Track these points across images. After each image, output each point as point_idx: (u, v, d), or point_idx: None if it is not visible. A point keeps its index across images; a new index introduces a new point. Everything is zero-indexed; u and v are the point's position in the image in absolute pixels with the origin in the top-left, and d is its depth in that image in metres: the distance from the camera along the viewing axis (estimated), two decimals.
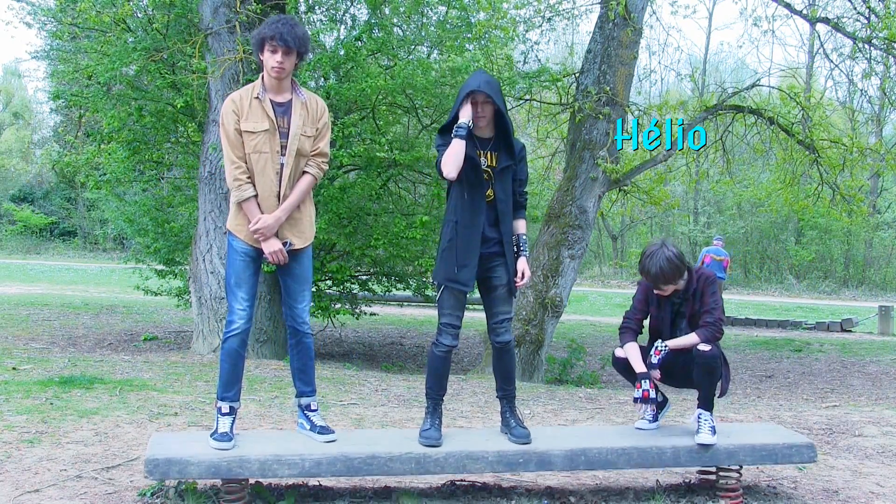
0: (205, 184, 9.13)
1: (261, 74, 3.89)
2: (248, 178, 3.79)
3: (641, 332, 4.23)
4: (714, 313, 4.01)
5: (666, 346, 4.01)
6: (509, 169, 3.95)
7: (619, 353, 4.18)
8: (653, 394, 3.99)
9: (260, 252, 3.87)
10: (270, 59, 3.76)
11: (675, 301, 4.11)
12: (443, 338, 3.93)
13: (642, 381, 3.99)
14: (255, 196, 3.79)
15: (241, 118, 3.78)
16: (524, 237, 4.07)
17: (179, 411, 5.78)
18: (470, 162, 3.87)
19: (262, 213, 3.80)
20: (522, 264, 4.00)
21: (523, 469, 3.87)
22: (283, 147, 3.81)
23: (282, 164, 3.81)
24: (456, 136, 3.80)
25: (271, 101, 3.82)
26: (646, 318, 4.23)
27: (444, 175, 3.83)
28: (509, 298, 4.00)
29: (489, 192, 3.92)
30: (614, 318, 16.24)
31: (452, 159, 3.79)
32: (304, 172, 3.90)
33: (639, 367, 4.04)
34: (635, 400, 4.02)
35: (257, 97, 3.81)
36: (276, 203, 3.82)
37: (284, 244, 3.84)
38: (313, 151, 3.91)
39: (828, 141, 10.89)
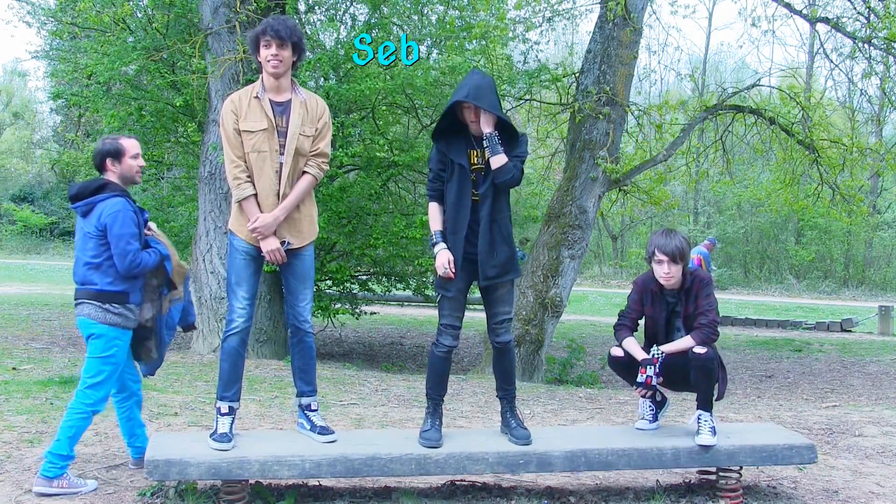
0: (205, 184, 9.13)
1: (260, 76, 3.90)
2: (248, 176, 3.80)
3: (637, 330, 4.22)
4: (708, 315, 4.01)
5: (662, 352, 4.01)
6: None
7: (616, 352, 4.17)
8: (655, 381, 3.98)
9: (261, 251, 3.87)
10: (266, 54, 3.79)
11: (670, 300, 4.11)
12: (443, 338, 3.94)
13: (647, 367, 3.99)
14: (255, 195, 3.80)
15: (239, 118, 3.79)
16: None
17: (179, 411, 5.78)
18: (458, 168, 3.91)
19: (262, 212, 3.80)
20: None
21: (523, 470, 3.87)
22: (282, 146, 3.81)
23: (281, 163, 3.81)
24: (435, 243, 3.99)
25: (270, 100, 3.83)
26: (641, 318, 4.23)
27: None
28: (509, 299, 4.00)
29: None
30: (614, 318, 16.18)
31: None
32: (304, 172, 3.89)
33: (640, 354, 4.04)
34: (638, 384, 4.00)
35: (256, 97, 3.83)
36: (275, 202, 3.82)
37: (283, 244, 3.84)
38: (313, 151, 3.91)
39: (828, 141, 10.89)
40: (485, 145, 3.86)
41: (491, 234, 3.88)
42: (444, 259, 3.89)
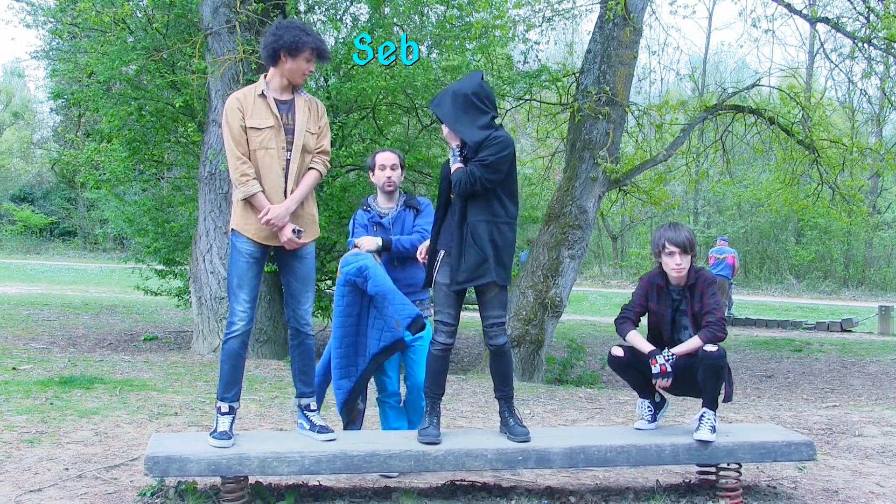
0: (205, 184, 9.13)
1: (263, 74, 3.93)
2: (254, 173, 3.81)
3: (638, 326, 4.21)
4: (716, 313, 4.01)
5: (672, 355, 4.00)
6: None
7: (616, 351, 4.16)
8: (669, 367, 3.95)
9: (265, 252, 3.88)
10: (305, 67, 3.88)
11: (675, 297, 4.11)
12: (437, 335, 3.97)
13: (657, 357, 3.97)
14: (262, 191, 3.82)
15: (245, 115, 3.81)
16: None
17: (179, 411, 5.78)
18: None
19: None
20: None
21: (522, 466, 3.87)
22: (289, 143, 3.85)
23: (288, 160, 3.84)
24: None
25: (275, 99, 3.87)
26: (644, 314, 4.22)
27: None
28: (498, 303, 3.95)
29: None
30: (614, 318, 16.18)
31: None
32: (310, 168, 3.94)
33: (647, 346, 4.03)
34: (655, 376, 3.97)
35: (262, 95, 3.85)
36: (282, 199, 3.84)
37: (294, 232, 3.85)
38: (318, 148, 3.96)
39: (828, 141, 10.89)
40: None
41: (461, 238, 3.90)
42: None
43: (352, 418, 4.39)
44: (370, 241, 4.36)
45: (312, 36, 3.88)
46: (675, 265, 4.05)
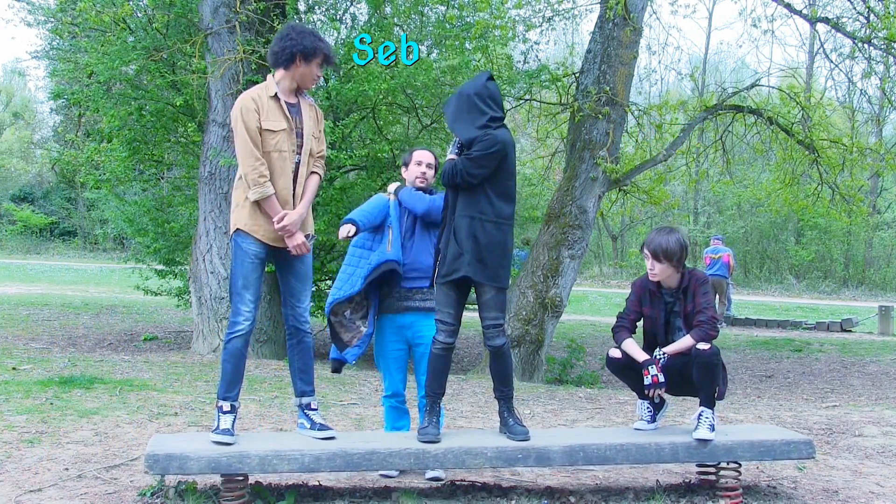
0: (205, 184, 9.13)
1: (271, 74, 3.95)
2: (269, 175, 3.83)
3: (635, 332, 4.23)
4: (706, 312, 4.02)
5: (665, 354, 4.01)
6: None
7: (614, 353, 4.17)
8: (661, 378, 3.98)
9: (268, 253, 3.90)
10: (315, 72, 3.94)
11: (668, 300, 4.13)
12: (438, 334, 3.98)
13: (649, 368, 3.99)
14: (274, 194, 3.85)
15: (261, 117, 3.82)
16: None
17: (179, 411, 5.78)
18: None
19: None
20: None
21: (522, 464, 3.87)
22: (299, 147, 3.89)
23: (297, 164, 3.89)
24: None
25: (285, 101, 3.90)
26: (639, 320, 4.24)
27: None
28: (495, 305, 3.95)
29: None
30: (614, 318, 16.16)
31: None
32: (313, 172, 4.00)
33: (641, 356, 4.04)
34: (647, 387, 4.00)
35: (274, 96, 3.87)
36: (290, 201, 3.88)
37: (307, 237, 3.91)
38: (318, 153, 4.02)
39: (828, 141, 10.89)
40: None
41: (447, 233, 3.97)
42: None
43: (345, 340, 4.33)
44: (393, 185, 4.54)
45: (325, 43, 3.95)
46: (649, 269, 4.13)
